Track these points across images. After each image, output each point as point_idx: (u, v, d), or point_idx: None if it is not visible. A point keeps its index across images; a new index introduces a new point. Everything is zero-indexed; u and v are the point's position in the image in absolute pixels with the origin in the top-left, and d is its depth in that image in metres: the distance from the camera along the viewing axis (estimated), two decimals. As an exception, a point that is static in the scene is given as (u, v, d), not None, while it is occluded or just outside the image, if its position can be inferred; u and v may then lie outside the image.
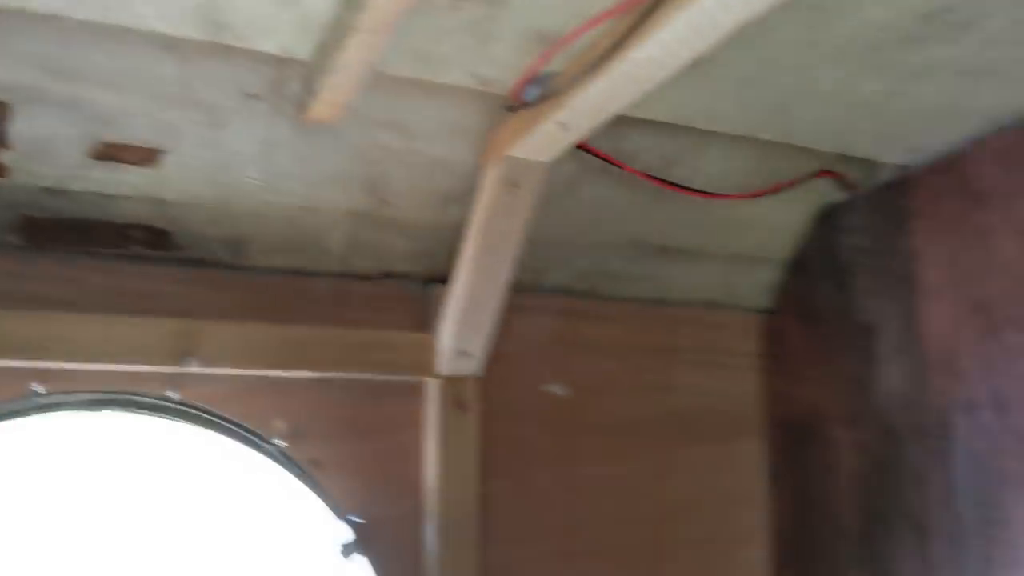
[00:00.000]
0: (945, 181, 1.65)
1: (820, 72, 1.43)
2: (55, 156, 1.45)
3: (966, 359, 1.56)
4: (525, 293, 1.83)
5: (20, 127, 1.40)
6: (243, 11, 1.27)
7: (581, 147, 1.64)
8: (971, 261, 1.56)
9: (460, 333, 1.70)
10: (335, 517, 1.66)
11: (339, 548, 1.65)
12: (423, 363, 1.72)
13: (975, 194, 1.59)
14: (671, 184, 1.75)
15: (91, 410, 1.54)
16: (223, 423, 1.61)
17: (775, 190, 1.84)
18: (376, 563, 1.66)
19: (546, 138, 1.49)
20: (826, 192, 1.92)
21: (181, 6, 1.26)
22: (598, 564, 1.85)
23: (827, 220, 1.91)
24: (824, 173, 1.86)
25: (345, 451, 1.69)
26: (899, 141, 1.69)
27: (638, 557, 1.89)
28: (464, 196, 1.69)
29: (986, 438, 1.51)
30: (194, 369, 1.55)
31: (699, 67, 1.39)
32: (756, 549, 2.00)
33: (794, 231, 1.97)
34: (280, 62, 1.41)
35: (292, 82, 1.45)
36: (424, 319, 1.77)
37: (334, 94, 1.36)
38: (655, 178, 1.74)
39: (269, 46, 1.36)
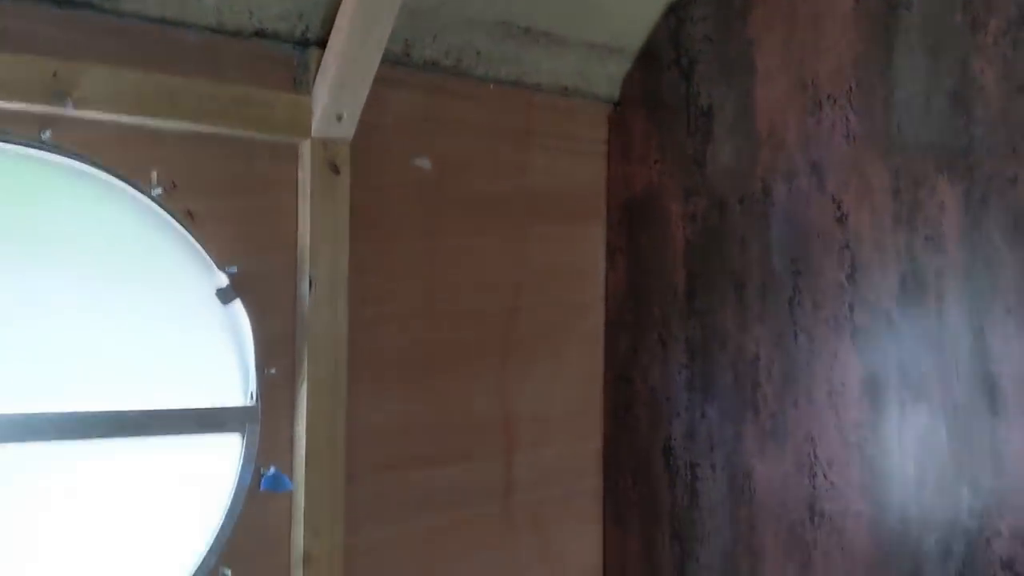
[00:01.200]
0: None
1: None
2: None
3: (790, 134, 1.79)
4: (395, 66, 1.90)
5: None
6: None
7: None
8: (801, 45, 1.76)
9: (335, 94, 1.76)
10: (212, 267, 1.72)
11: (216, 294, 1.72)
12: (297, 123, 1.78)
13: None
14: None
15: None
16: (97, 168, 1.62)
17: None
18: (252, 310, 1.75)
19: None
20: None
21: None
22: (456, 324, 2.03)
23: (676, 11, 2.06)
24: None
25: (220, 206, 1.74)
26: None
27: (491, 320, 2.08)
28: (343, -42, 1.71)
29: (801, 201, 1.76)
30: (69, 111, 1.54)
31: None
32: (595, 315, 2.24)
33: (646, 22, 2.12)
34: None
35: None
36: (297, 83, 1.81)
37: None
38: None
39: None
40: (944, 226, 1.52)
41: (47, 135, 1.57)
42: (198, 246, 1.72)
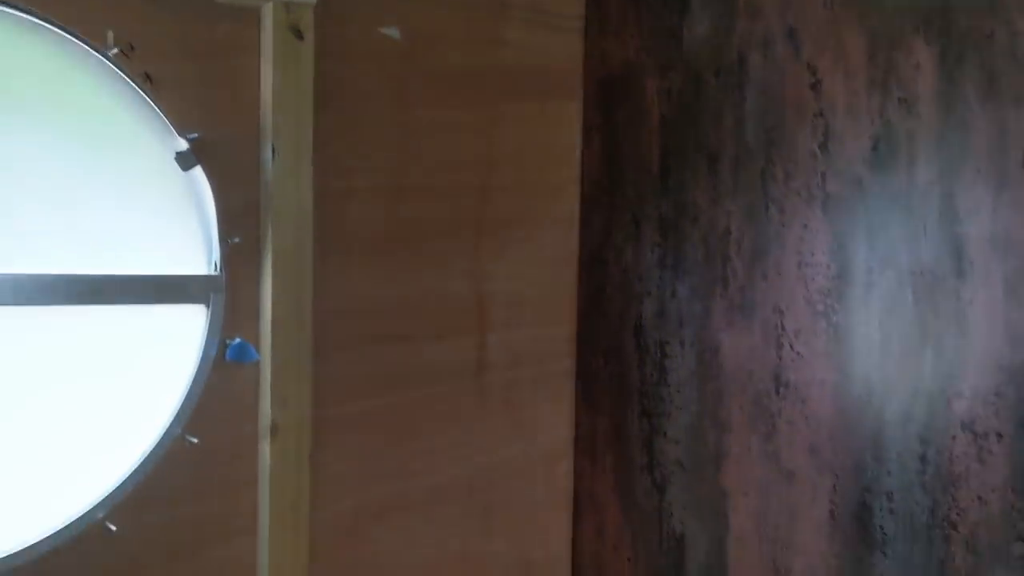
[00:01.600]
0: None
1: None
2: None
3: (768, 2, 1.73)
4: (363, -73, 1.83)
5: None
6: None
7: None
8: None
9: (298, -47, 1.69)
10: (172, 133, 1.68)
11: (175, 158, 1.68)
12: (259, -17, 1.72)
13: None
14: None
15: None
16: (50, 27, 1.56)
17: None
18: (213, 177, 1.72)
19: None
20: None
21: None
22: (425, 201, 1.99)
23: None
24: None
25: (180, 70, 1.68)
26: None
27: (463, 197, 2.05)
28: None
29: (777, 70, 1.71)
30: (16, -38, 1.49)
31: None
32: (570, 195, 2.21)
33: None
34: None
35: None
36: (259, -59, 1.74)
37: None
38: None
39: None
40: (919, 87, 1.47)
41: (-3, -9, 1.51)
42: (157, 110, 1.67)
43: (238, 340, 1.75)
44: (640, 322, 2.00)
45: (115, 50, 1.62)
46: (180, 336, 1.74)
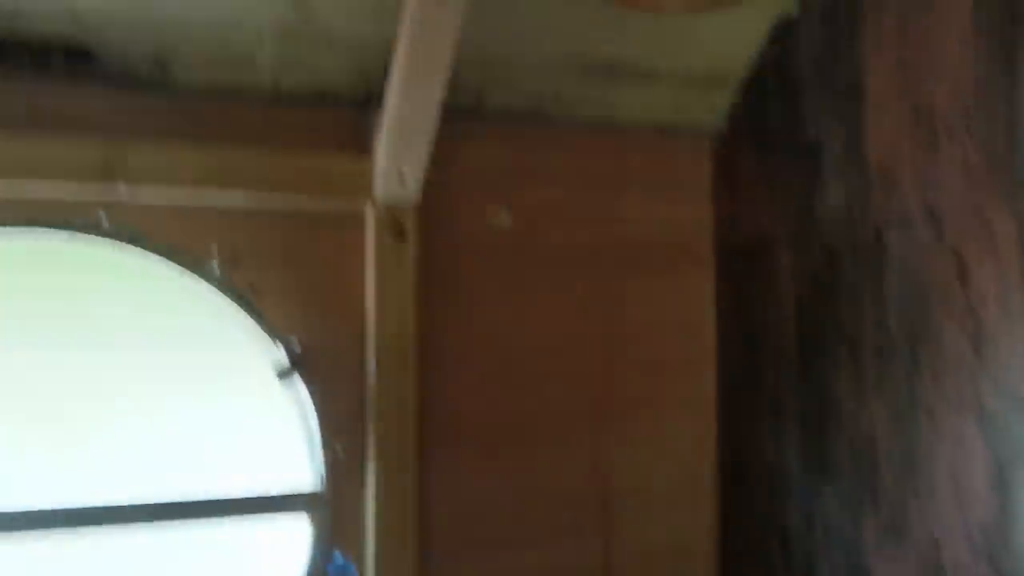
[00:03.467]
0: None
1: None
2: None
3: (905, 174, 1.52)
4: (466, 118, 1.79)
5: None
6: None
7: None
8: (915, 66, 1.50)
9: (395, 155, 1.66)
10: (273, 342, 1.67)
11: (277, 371, 1.66)
12: (359, 187, 1.70)
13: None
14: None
15: (18, 228, 1.52)
16: (157, 246, 1.60)
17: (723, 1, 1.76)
18: (315, 387, 1.68)
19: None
20: (782, 5, 1.84)
21: None
22: (542, 389, 1.87)
23: (780, 36, 1.83)
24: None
25: (283, 278, 1.68)
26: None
27: (583, 382, 1.91)
28: (397, 10, 1.62)
29: (918, 253, 1.49)
30: (123, 189, 1.53)
31: None
32: (703, 376, 2.02)
33: (748, 49, 1.90)
34: None
35: None
36: (361, 143, 1.73)
37: None
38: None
39: None
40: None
41: (104, 217, 1.57)
42: (261, 320, 1.67)
43: (340, 559, 1.67)
44: (786, 531, 1.76)
45: (219, 265, 1.63)
46: (284, 549, 1.69)
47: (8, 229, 1.52)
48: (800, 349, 1.77)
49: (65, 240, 1.56)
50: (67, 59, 1.53)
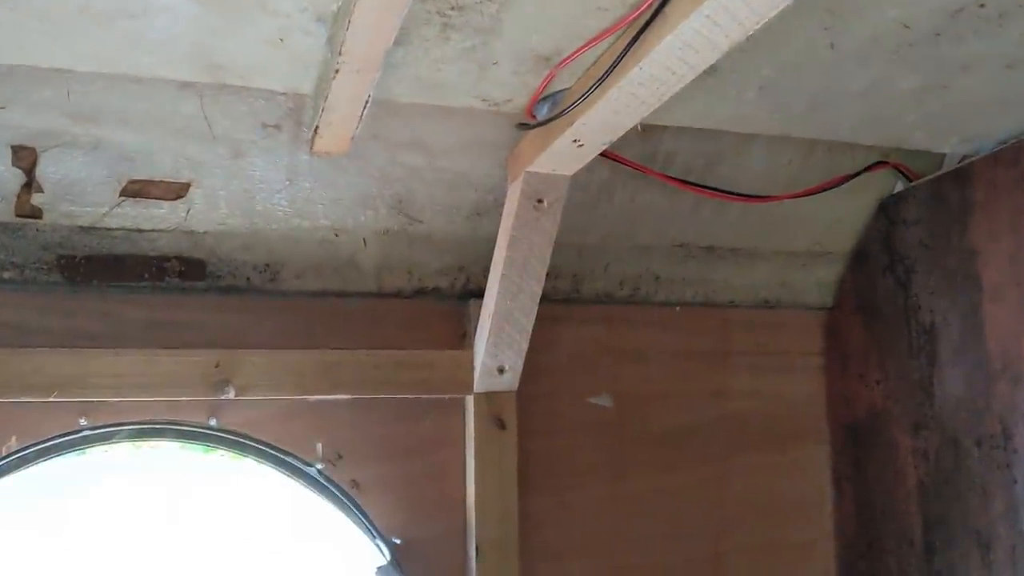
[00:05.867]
0: (1006, 173, 1.53)
1: (846, 72, 1.34)
2: (85, 196, 1.49)
3: (1029, 368, 1.44)
4: (564, 303, 1.80)
5: (49, 170, 1.44)
6: (235, 53, 1.26)
7: (608, 156, 1.59)
8: (1031, 263, 1.44)
9: (494, 349, 1.67)
10: (373, 539, 1.66)
11: (377, 568, 1.66)
12: (459, 380, 1.71)
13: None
14: (707, 188, 1.68)
15: (135, 440, 1.58)
16: (262, 448, 1.64)
17: (828, 186, 1.74)
18: (418, 581, 1.67)
19: (563, 154, 1.45)
20: (887, 183, 1.81)
21: (176, 53, 1.26)
22: (651, 577, 1.81)
23: (886, 212, 1.79)
24: (882, 164, 1.75)
25: (385, 472, 1.69)
26: (952, 132, 1.57)
27: (692, 571, 1.84)
28: (493, 208, 1.66)
29: (1051, 454, 1.40)
30: (233, 394, 1.58)
31: (716, 75, 1.33)
32: (823, 557, 1.92)
33: (854, 224, 1.86)
34: (293, 94, 1.41)
35: (307, 111, 1.45)
36: (461, 334, 1.75)
37: (336, 128, 1.34)
38: (689, 183, 1.67)
39: (272, 84, 1.36)
40: None
41: (214, 422, 1.61)
42: (362, 517, 1.67)
43: None
44: None
45: (323, 463, 1.66)
46: None
47: (122, 439, 1.58)
48: (925, 536, 1.67)
49: (175, 445, 1.61)
50: (182, 273, 1.61)
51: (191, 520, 1.63)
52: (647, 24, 1.09)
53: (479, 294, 1.72)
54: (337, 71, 1.16)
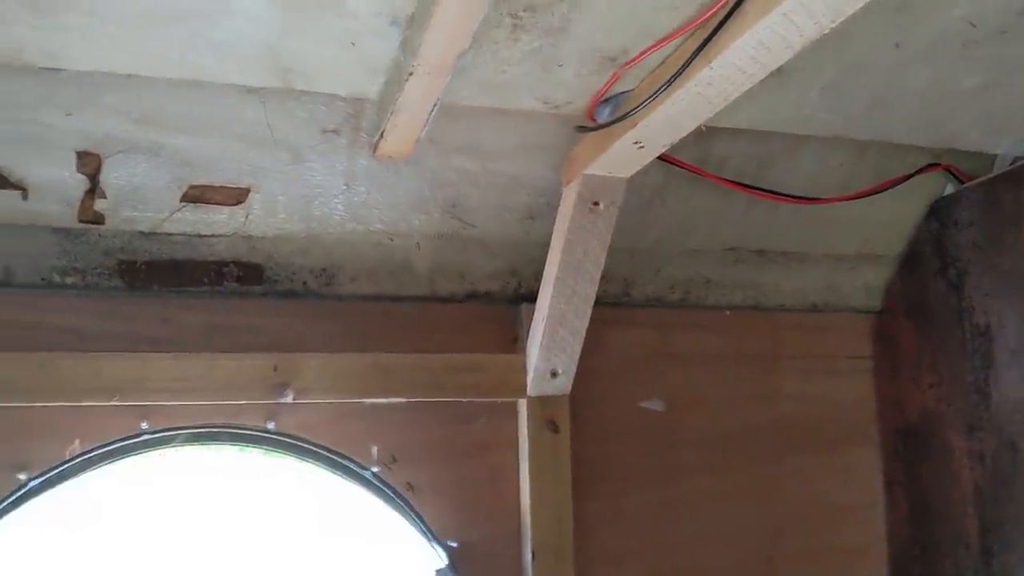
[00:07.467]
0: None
1: (909, 71, 1.34)
2: (147, 201, 1.50)
3: (1092, 368, 1.44)
4: (615, 306, 1.80)
5: (112, 176, 1.46)
6: (307, 57, 1.27)
7: (664, 158, 1.59)
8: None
9: (547, 353, 1.68)
10: (429, 541, 1.67)
11: (435, 573, 1.66)
12: (512, 384, 1.71)
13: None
14: (761, 191, 1.68)
15: (195, 444, 1.59)
16: (319, 451, 1.64)
17: (880, 188, 1.74)
18: (473, 584, 1.67)
19: (623, 156, 1.45)
20: (937, 185, 1.81)
21: (247, 57, 1.28)
22: (702, 582, 1.81)
23: (938, 214, 1.79)
24: (934, 166, 1.75)
25: (439, 474, 1.69)
26: (1007, 132, 1.57)
27: (747, 575, 1.84)
28: (546, 212, 1.67)
29: (1116, 454, 1.39)
30: (290, 400, 1.59)
31: (779, 75, 1.33)
32: (876, 562, 1.91)
33: (905, 227, 1.86)
34: (356, 100, 1.42)
35: (368, 116, 1.46)
36: (513, 338, 1.76)
37: (402, 132, 1.35)
38: (743, 185, 1.67)
39: (338, 88, 1.37)
40: None
41: (272, 425, 1.62)
42: (418, 520, 1.68)
43: None
44: None
45: (378, 466, 1.66)
46: None
47: (181, 443, 1.59)
48: (982, 539, 1.66)
49: (233, 449, 1.62)
50: (240, 277, 1.62)
51: (232, 517, 1.63)
52: (722, 22, 1.10)
53: (531, 298, 1.72)
54: (411, 74, 1.17)
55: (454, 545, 1.67)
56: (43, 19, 1.16)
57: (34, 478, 1.50)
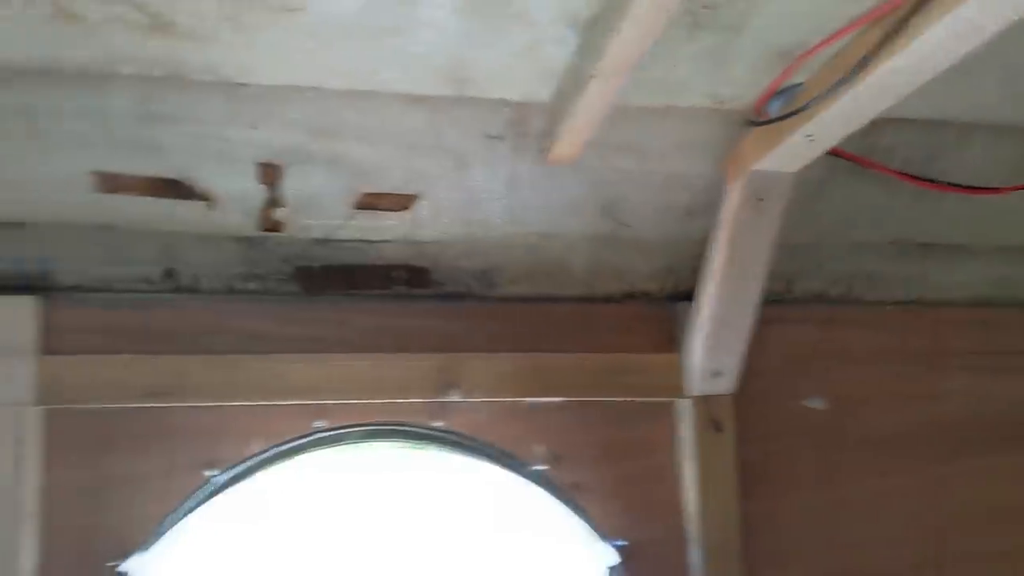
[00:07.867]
0: None
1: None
2: (322, 209, 1.57)
3: None
4: (776, 303, 1.78)
5: (291, 186, 1.52)
6: (485, 66, 1.30)
7: (831, 151, 1.56)
8: None
9: (711, 353, 1.67)
10: (597, 540, 1.68)
11: (606, 572, 1.66)
12: (672, 384, 1.71)
13: None
14: (930, 181, 1.63)
15: (366, 441, 1.65)
16: (487, 449, 1.67)
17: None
18: (642, 584, 1.67)
19: (793, 150, 1.44)
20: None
21: (426, 67, 1.32)
22: (872, 584, 1.77)
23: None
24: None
25: (602, 474, 1.71)
26: None
27: (911, 578, 1.79)
28: (705, 210, 1.66)
29: None
30: (455, 399, 1.63)
31: (960, 62, 1.29)
32: (1050, 567, 1.83)
33: (1080, 217, 1.78)
34: (520, 105, 1.45)
35: (531, 121, 1.48)
36: (671, 337, 1.75)
37: (575, 135, 1.37)
38: (912, 176, 1.63)
39: (510, 94, 1.40)
40: None
41: (438, 424, 1.66)
42: (586, 518, 1.69)
43: None
44: None
45: (544, 465, 1.68)
46: None
47: (353, 440, 1.65)
48: None
49: (400, 449, 1.67)
50: (408, 281, 1.67)
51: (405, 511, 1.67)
52: (913, 11, 1.08)
53: (687, 296, 1.72)
54: (592, 77, 1.19)
55: (623, 543, 1.67)
56: (241, 35, 1.23)
57: (222, 474, 1.57)
